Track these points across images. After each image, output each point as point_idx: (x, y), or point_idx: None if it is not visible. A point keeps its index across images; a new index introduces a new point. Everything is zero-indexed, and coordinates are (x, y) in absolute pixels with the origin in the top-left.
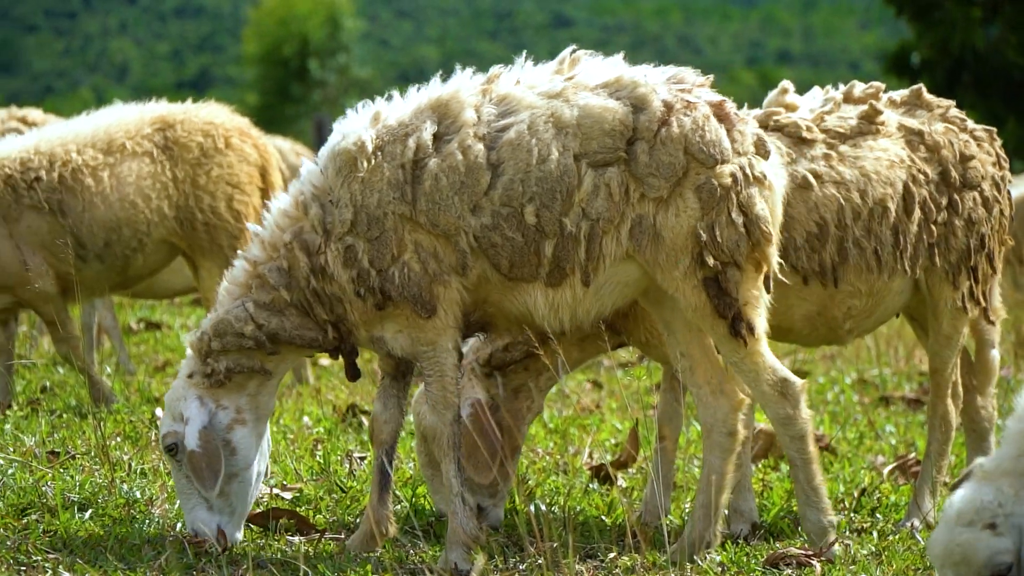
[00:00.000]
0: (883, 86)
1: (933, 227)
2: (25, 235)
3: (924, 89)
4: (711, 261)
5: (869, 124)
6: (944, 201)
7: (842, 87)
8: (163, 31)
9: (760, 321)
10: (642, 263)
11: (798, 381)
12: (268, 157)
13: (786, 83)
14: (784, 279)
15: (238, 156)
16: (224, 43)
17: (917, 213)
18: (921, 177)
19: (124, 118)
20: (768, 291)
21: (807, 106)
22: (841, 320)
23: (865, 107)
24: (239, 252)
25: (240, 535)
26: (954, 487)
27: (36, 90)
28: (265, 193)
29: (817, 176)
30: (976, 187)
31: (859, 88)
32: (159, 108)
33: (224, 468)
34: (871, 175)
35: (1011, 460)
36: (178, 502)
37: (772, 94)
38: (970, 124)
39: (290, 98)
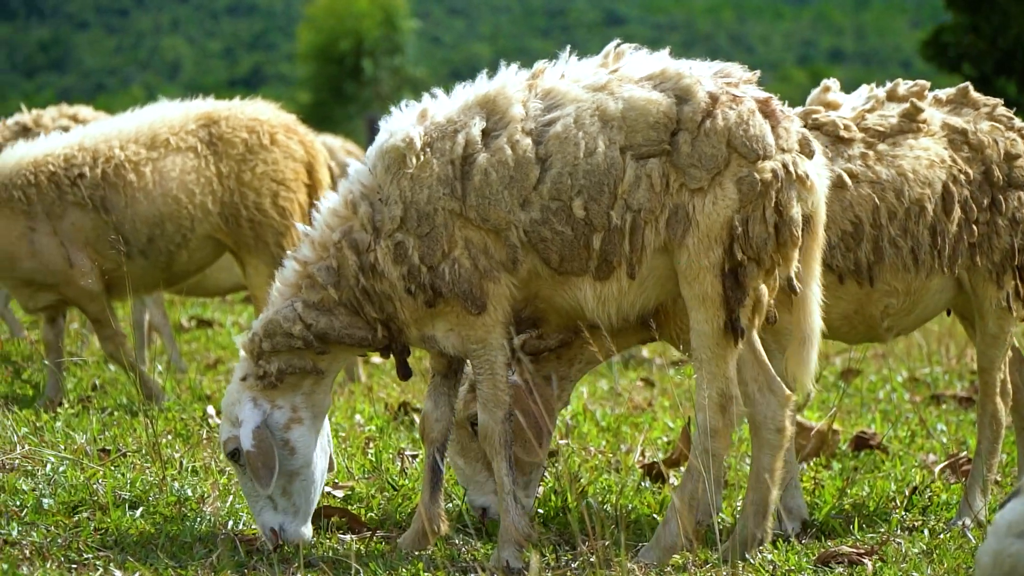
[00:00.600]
0: (928, 84)
1: (975, 227)
2: (69, 232)
3: (971, 87)
4: (739, 255)
5: (910, 123)
6: (987, 201)
7: (889, 84)
8: (215, 29)
9: (754, 326)
10: (671, 247)
11: (740, 406)
12: (315, 154)
13: (830, 81)
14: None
15: (284, 152)
16: (276, 41)
17: (957, 213)
18: (962, 177)
19: (169, 114)
20: (795, 292)
21: (850, 104)
22: (879, 319)
23: (907, 105)
24: (288, 252)
25: (308, 532)
26: (1005, 502)
27: (87, 88)
28: (312, 190)
29: (852, 175)
30: (1022, 186)
31: (904, 86)
32: (204, 104)
33: (283, 467)
34: (908, 174)
35: None
36: (228, 500)
37: (815, 92)
38: (1018, 122)
39: (343, 96)
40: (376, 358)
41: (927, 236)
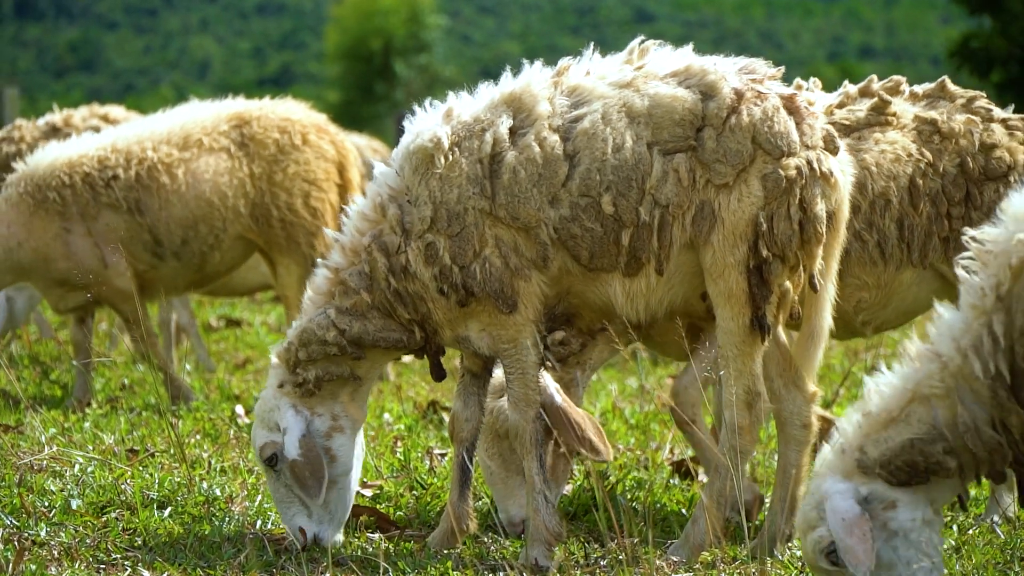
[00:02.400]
0: (903, 79)
1: (947, 220)
2: (104, 233)
3: (948, 80)
4: (764, 252)
5: (878, 116)
6: (961, 194)
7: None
8: (244, 28)
9: (778, 321)
10: (697, 245)
11: (766, 403)
12: (346, 154)
13: (805, 81)
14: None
15: (315, 152)
16: (305, 40)
17: (925, 206)
18: (930, 170)
19: (200, 115)
20: (816, 289)
21: (824, 102)
22: (853, 313)
23: (875, 100)
24: (319, 260)
25: (340, 538)
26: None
27: (116, 88)
28: (343, 190)
29: None
30: (1001, 177)
31: (878, 82)
32: (236, 105)
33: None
34: (871, 168)
35: None
36: (257, 500)
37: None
38: (998, 113)
39: (372, 96)
40: (406, 357)
41: (894, 229)
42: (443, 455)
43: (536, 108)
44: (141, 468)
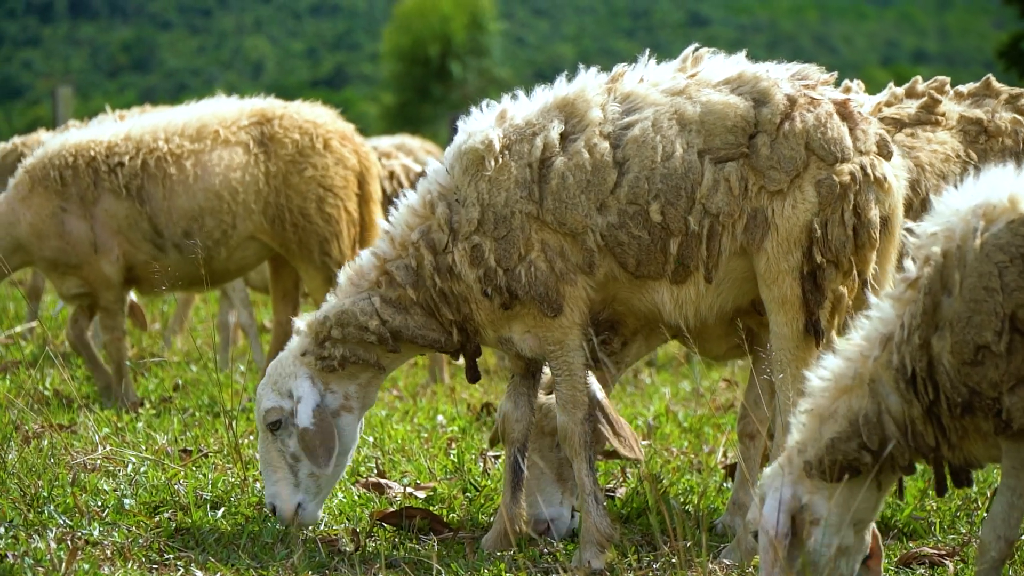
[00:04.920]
0: (948, 79)
1: None
2: (102, 218)
3: (993, 79)
4: (818, 258)
5: (928, 114)
6: None
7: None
8: (298, 29)
9: (833, 327)
10: (749, 251)
11: None
12: (368, 165)
13: (851, 82)
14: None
15: (335, 159)
16: (360, 41)
17: None
18: (976, 171)
19: (222, 109)
20: (872, 294)
21: (871, 102)
22: None
23: (925, 99)
24: (368, 249)
25: (320, 515)
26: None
27: (170, 88)
28: (362, 201)
29: None
30: None
31: (923, 83)
32: (261, 102)
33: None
34: (925, 166)
35: None
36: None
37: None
38: None
39: (428, 97)
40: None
41: None
42: (496, 457)
43: (588, 114)
44: (194, 468)
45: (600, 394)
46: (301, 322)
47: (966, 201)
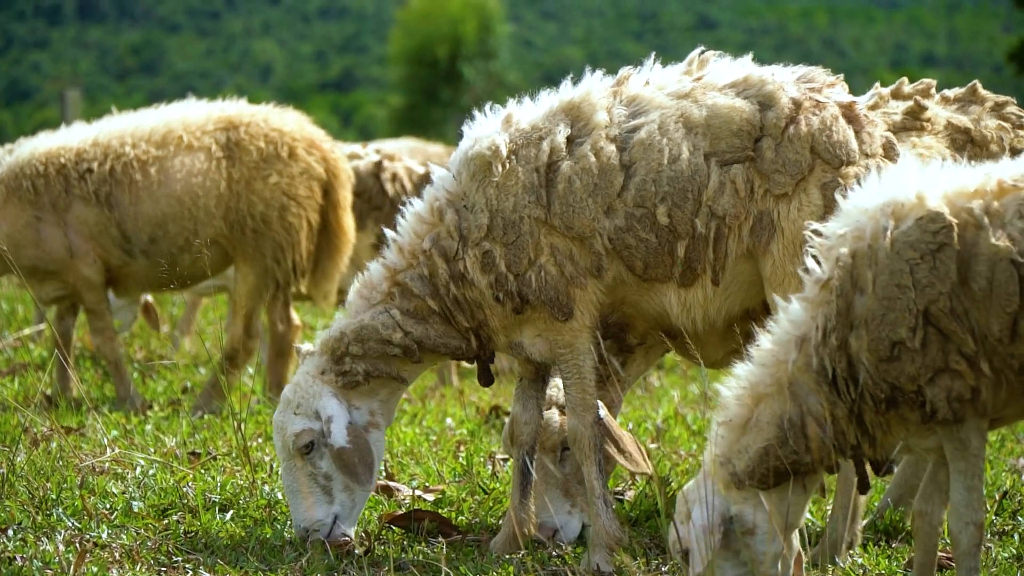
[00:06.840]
0: (934, 82)
1: None
2: (75, 224)
3: (979, 85)
4: None
5: (914, 120)
6: None
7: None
8: (306, 32)
9: None
10: (755, 254)
11: None
12: (337, 172)
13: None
14: None
15: (301, 168)
16: (368, 44)
17: None
18: None
19: (190, 114)
20: None
21: (858, 103)
22: None
23: (911, 103)
24: (375, 261)
25: (353, 532)
26: None
27: (178, 91)
28: (327, 210)
29: None
30: None
31: (909, 85)
32: (229, 107)
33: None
34: None
35: None
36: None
37: None
38: None
39: (437, 100)
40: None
41: None
42: (505, 460)
43: (594, 117)
44: (203, 471)
45: (603, 412)
46: (308, 345)
47: (874, 200)
